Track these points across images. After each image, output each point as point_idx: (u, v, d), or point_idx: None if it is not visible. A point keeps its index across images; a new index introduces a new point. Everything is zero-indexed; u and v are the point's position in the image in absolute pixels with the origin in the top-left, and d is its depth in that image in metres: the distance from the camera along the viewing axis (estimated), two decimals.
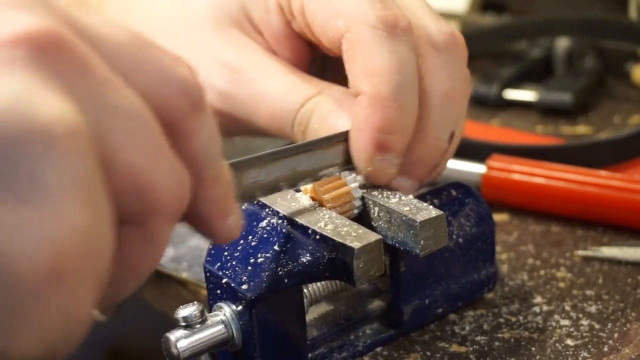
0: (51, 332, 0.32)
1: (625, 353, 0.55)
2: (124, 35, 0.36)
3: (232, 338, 0.51)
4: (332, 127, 0.54)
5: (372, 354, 0.56)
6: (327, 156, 0.52)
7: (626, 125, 0.89)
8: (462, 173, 0.75)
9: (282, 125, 0.56)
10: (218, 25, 0.59)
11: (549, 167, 0.72)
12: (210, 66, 0.58)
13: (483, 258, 0.59)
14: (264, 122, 0.57)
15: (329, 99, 0.55)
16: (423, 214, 0.50)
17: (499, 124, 0.91)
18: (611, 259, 0.65)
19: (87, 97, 0.33)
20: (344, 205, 0.53)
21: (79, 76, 0.33)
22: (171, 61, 0.37)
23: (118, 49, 0.35)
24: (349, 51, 0.53)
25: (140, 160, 0.34)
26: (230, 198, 0.41)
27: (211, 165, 0.39)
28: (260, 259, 0.51)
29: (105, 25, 0.36)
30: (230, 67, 0.58)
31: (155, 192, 0.35)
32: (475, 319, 0.59)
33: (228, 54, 0.58)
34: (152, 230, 0.36)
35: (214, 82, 0.58)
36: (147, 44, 0.37)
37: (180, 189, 0.36)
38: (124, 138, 0.34)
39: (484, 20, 1.07)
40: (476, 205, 0.59)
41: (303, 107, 0.55)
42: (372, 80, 0.52)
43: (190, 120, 0.38)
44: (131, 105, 0.34)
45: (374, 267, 0.49)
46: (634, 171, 0.76)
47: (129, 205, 0.35)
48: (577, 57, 0.99)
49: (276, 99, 0.56)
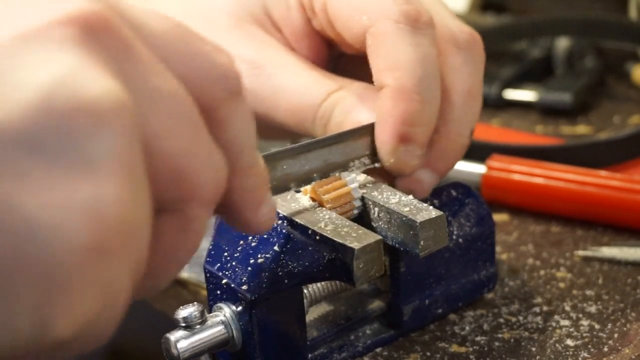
0: (91, 309, 0.32)
1: (625, 353, 0.55)
2: (166, 23, 0.37)
3: (232, 339, 0.51)
4: (356, 120, 0.54)
5: (372, 354, 0.56)
6: (357, 147, 0.53)
7: (626, 125, 0.89)
8: (462, 173, 0.75)
9: (302, 120, 0.57)
10: (237, 22, 0.60)
11: (549, 167, 0.72)
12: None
13: (483, 258, 0.59)
14: (284, 116, 0.57)
15: (352, 93, 0.56)
16: (423, 214, 0.50)
17: (499, 124, 0.91)
18: (611, 259, 0.65)
19: (132, 78, 0.34)
20: (344, 206, 0.53)
21: (125, 57, 0.34)
22: (211, 49, 0.38)
23: (160, 36, 0.36)
24: (372, 45, 0.54)
25: (180, 144, 0.35)
26: (264, 188, 0.42)
27: (246, 154, 0.39)
28: (260, 259, 0.51)
29: (147, 12, 0.37)
30: (250, 62, 0.58)
31: (194, 178, 0.35)
32: (475, 319, 0.59)
33: (247, 50, 0.58)
34: (190, 218, 0.36)
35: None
36: (188, 32, 0.37)
37: (218, 175, 0.37)
38: (165, 122, 0.34)
39: (484, 20, 1.07)
40: (476, 205, 0.59)
41: (325, 101, 0.56)
42: (395, 74, 0.53)
43: (228, 107, 0.38)
44: (172, 90, 0.35)
45: (374, 268, 0.49)
46: (634, 171, 0.76)
47: (167, 191, 0.35)
48: (577, 57, 0.99)
49: (297, 94, 0.57)
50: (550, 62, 1.00)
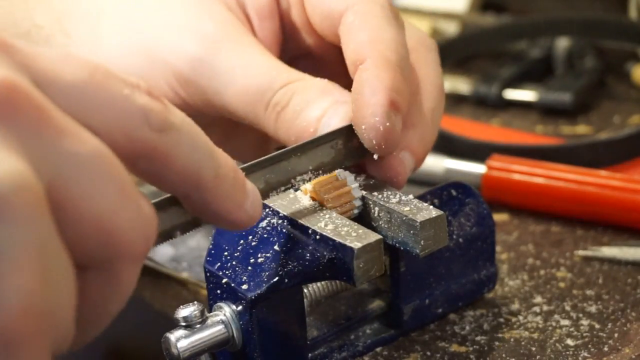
0: None
1: (625, 353, 0.55)
2: (80, 72, 0.35)
3: (232, 338, 0.51)
4: (316, 112, 0.53)
5: (372, 354, 0.56)
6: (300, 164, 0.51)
7: (626, 125, 0.89)
8: (462, 173, 0.75)
9: (254, 103, 0.55)
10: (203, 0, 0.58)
11: (549, 167, 0.72)
12: (184, 32, 0.56)
13: (483, 258, 0.59)
14: (236, 97, 0.55)
15: (314, 85, 0.55)
16: (423, 214, 0.50)
17: (499, 124, 0.91)
18: (611, 259, 0.65)
19: (43, 150, 0.32)
20: (344, 205, 0.53)
21: (34, 130, 0.32)
22: (129, 92, 0.36)
23: (73, 89, 0.35)
24: (355, 21, 0.55)
25: (104, 207, 0.34)
26: (239, 185, 0.41)
27: (206, 169, 0.39)
28: (260, 259, 0.51)
29: (60, 62, 0.35)
30: (209, 37, 0.56)
31: (122, 236, 0.35)
32: (475, 319, 0.59)
33: (208, 25, 0.57)
34: (118, 274, 0.36)
35: (188, 48, 0.56)
36: (104, 77, 0.36)
37: (147, 230, 0.36)
38: (86, 186, 0.33)
39: (484, 20, 1.07)
40: (476, 205, 0.59)
41: (283, 88, 0.54)
42: (380, 46, 0.53)
43: (163, 144, 0.37)
44: (91, 151, 0.34)
45: (374, 267, 0.49)
46: (634, 171, 0.76)
47: (93, 252, 0.34)
48: (577, 57, 0.99)
49: (255, 75, 0.55)
50: (550, 62, 1.00)
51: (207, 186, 0.39)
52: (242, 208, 0.41)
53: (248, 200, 0.41)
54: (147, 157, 0.37)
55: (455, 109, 0.93)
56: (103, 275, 0.35)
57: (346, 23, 0.55)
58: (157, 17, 0.58)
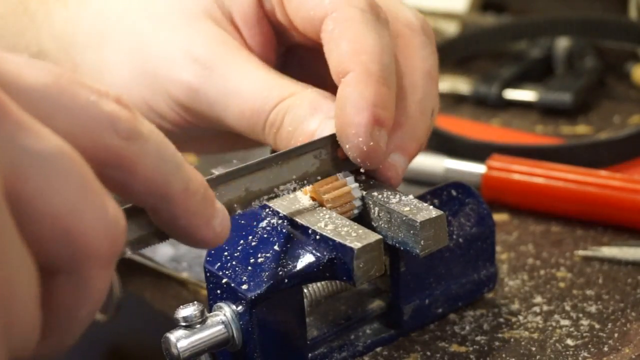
0: None
1: (625, 353, 0.55)
2: (44, 77, 0.35)
3: (232, 338, 0.51)
4: (307, 130, 0.53)
5: (372, 354, 0.56)
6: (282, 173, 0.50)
7: (626, 125, 0.89)
8: (462, 173, 0.75)
9: (253, 125, 0.55)
10: (187, 17, 0.58)
11: (549, 167, 0.72)
12: (179, 59, 0.57)
13: (483, 258, 0.59)
14: (235, 121, 0.56)
15: (304, 100, 0.54)
16: (423, 214, 0.50)
17: (499, 124, 0.91)
18: (611, 259, 0.65)
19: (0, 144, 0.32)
20: (344, 206, 0.53)
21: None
22: (96, 98, 0.36)
23: (37, 92, 0.35)
24: (335, 30, 0.53)
25: (63, 204, 0.33)
26: (208, 201, 0.41)
27: (174, 181, 0.38)
28: (260, 259, 0.51)
29: (26, 66, 0.35)
30: (201, 62, 0.56)
31: (84, 237, 0.34)
32: (475, 319, 0.59)
33: (199, 48, 0.57)
34: (87, 279, 0.35)
35: (184, 78, 0.56)
36: (69, 83, 0.35)
37: (113, 232, 0.35)
38: (43, 182, 0.33)
39: (484, 20, 1.07)
40: (476, 205, 0.59)
41: (276, 108, 0.54)
42: (362, 58, 0.52)
43: (130, 152, 0.37)
44: (51, 148, 0.33)
45: (374, 267, 0.49)
46: (634, 171, 0.76)
47: (56, 253, 0.34)
48: (577, 57, 0.99)
49: (248, 98, 0.55)
50: (550, 62, 1.00)
51: (175, 199, 0.39)
52: (210, 225, 0.41)
53: (217, 218, 0.41)
54: (113, 165, 0.36)
55: (455, 109, 0.93)
56: (72, 280, 0.35)
57: (327, 31, 0.54)
58: (153, 42, 0.58)
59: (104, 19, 0.60)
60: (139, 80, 0.58)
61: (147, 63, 0.58)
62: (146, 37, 0.58)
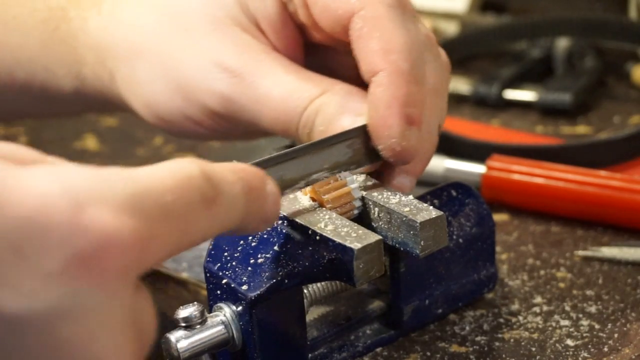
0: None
1: (625, 353, 0.55)
2: (13, 219, 0.34)
3: (232, 338, 0.51)
4: (338, 128, 0.54)
5: (372, 354, 0.56)
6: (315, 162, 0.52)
7: (626, 125, 0.89)
8: (462, 173, 0.75)
9: (286, 128, 0.56)
10: (214, 25, 0.59)
11: (549, 167, 0.72)
12: (210, 70, 0.58)
13: (483, 258, 0.59)
14: (268, 124, 0.57)
15: (333, 99, 0.55)
16: (423, 214, 0.50)
17: (499, 124, 0.91)
18: (611, 259, 0.65)
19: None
20: (344, 206, 0.53)
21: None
22: (69, 232, 0.35)
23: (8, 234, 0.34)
24: (364, 29, 0.54)
25: None
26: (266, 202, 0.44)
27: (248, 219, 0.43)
28: (260, 259, 0.51)
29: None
30: (230, 70, 0.57)
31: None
32: (475, 319, 0.59)
33: (227, 57, 0.58)
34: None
35: (215, 87, 0.57)
36: (39, 223, 0.34)
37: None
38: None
39: (484, 20, 1.07)
40: (476, 205, 0.59)
41: (307, 109, 0.55)
42: (391, 57, 0.53)
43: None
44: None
45: (374, 268, 0.49)
46: (634, 171, 0.76)
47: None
48: (577, 57, 0.99)
49: (279, 102, 0.56)
50: (550, 62, 1.00)
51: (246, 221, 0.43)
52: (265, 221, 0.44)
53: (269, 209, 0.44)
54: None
55: (455, 109, 0.93)
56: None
57: (355, 29, 0.54)
58: (185, 55, 0.59)
59: (137, 33, 0.61)
60: (173, 93, 0.59)
61: (180, 76, 0.59)
62: (177, 51, 0.59)
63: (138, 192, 0.36)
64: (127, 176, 0.37)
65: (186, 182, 0.39)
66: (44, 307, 0.33)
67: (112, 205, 0.35)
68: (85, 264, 0.34)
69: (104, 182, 0.35)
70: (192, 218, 0.39)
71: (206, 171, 0.40)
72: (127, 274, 0.35)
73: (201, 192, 0.39)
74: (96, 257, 0.34)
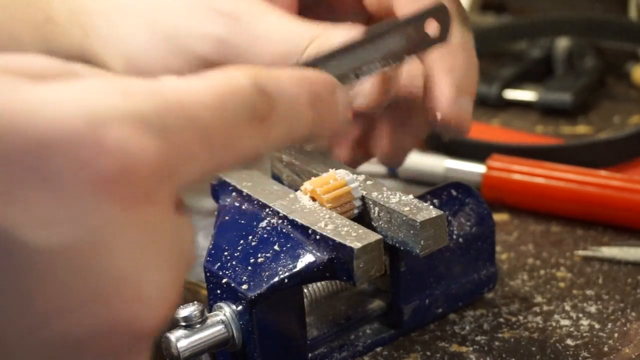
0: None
1: (625, 353, 0.55)
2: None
3: (232, 338, 0.51)
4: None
5: (372, 354, 0.56)
6: (369, 53, 0.49)
7: (626, 125, 0.89)
8: (462, 173, 0.75)
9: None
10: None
11: (549, 167, 0.72)
12: (205, 16, 0.57)
13: (483, 258, 0.59)
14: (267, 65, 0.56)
15: (337, 35, 0.54)
16: (423, 214, 0.50)
17: (499, 124, 0.91)
18: (611, 259, 0.65)
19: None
20: (344, 206, 0.53)
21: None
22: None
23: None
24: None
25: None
26: (334, 107, 0.42)
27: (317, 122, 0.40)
28: (260, 259, 0.51)
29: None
30: (228, 14, 0.56)
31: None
32: (475, 319, 0.59)
33: (224, 3, 0.57)
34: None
35: (211, 30, 0.56)
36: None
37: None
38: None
39: (484, 20, 1.07)
40: (476, 205, 0.59)
41: (309, 46, 0.54)
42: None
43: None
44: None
45: (374, 267, 0.49)
46: (634, 171, 0.76)
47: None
48: (577, 57, 0.99)
49: (279, 41, 0.55)
50: (550, 62, 1.00)
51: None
52: (337, 131, 0.42)
53: (339, 112, 0.42)
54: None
55: None
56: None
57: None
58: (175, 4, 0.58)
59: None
60: (158, 44, 0.58)
61: (169, 24, 0.58)
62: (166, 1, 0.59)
63: (165, 108, 0.34)
64: (156, 90, 0.34)
65: (230, 96, 0.36)
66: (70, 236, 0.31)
67: (134, 124, 0.32)
68: (111, 187, 0.31)
69: (128, 98, 0.33)
70: (237, 136, 0.36)
71: (260, 82, 0.37)
72: (157, 195, 0.33)
73: (250, 107, 0.36)
74: (121, 179, 0.32)
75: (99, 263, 0.32)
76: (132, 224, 0.32)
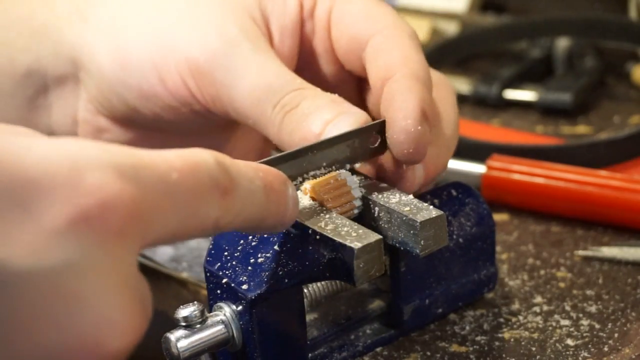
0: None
1: (625, 353, 0.55)
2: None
3: (232, 338, 0.51)
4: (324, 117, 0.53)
5: (372, 354, 0.56)
6: (315, 160, 0.52)
7: (626, 125, 0.89)
8: (462, 173, 0.75)
9: (263, 101, 0.55)
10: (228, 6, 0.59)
11: (549, 167, 0.72)
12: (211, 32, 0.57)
13: (483, 258, 0.59)
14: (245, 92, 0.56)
15: (326, 95, 0.55)
16: (423, 214, 0.50)
17: (499, 124, 0.91)
18: (611, 259, 0.65)
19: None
20: (344, 205, 0.53)
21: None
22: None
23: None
24: (385, 42, 0.56)
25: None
26: (285, 202, 0.45)
27: (267, 217, 0.44)
28: (260, 259, 0.51)
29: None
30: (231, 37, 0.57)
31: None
32: (475, 319, 0.59)
33: (232, 29, 0.57)
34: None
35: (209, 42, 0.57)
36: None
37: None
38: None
39: (484, 20, 1.07)
40: (476, 205, 0.59)
41: (296, 91, 0.55)
42: (410, 65, 0.55)
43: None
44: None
45: (374, 267, 0.49)
46: (634, 171, 0.76)
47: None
48: (577, 57, 0.99)
49: (269, 75, 0.56)
50: (550, 62, 1.00)
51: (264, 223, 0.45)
52: (285, 220, 0.46)
53: (289, 210, 0.46)
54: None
55: None
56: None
57: (374, 44, 0.57)
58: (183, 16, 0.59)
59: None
60: (151, 43, 0.58)
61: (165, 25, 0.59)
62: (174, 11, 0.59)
63: (141, 164, 0.38)
64: (131, 152, 0.38)
65: (196, 165, 0.40)
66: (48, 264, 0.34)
67: (112, 172, 0.36)
68: (88, 221, 0.35)
69: (106, 152, 0.37)
70: (201, 202, 0.40)
71: (222, 162, 0.41)
72: (127, 237, 0.36)
73: (213, 178, 0.40)
74: (98, 214, 0.35)
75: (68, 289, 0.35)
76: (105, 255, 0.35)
